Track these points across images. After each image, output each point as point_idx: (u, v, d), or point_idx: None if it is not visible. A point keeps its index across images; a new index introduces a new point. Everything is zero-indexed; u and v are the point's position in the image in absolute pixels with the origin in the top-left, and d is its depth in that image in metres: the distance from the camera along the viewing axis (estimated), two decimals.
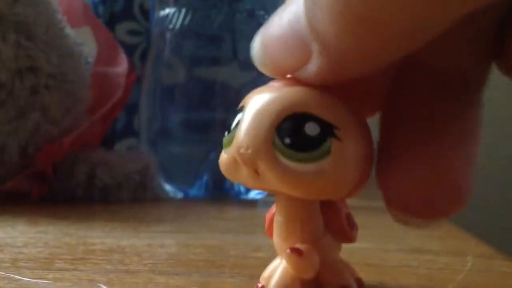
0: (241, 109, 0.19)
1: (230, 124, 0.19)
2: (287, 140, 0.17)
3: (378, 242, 0.31)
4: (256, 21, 0.46)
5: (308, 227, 0.19)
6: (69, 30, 0.45)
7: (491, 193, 0.88)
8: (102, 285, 0.20)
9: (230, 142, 0.18)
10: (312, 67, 0.17)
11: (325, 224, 0.20)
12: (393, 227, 0.37)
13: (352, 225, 0.21)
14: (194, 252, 0.27)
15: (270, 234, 0.21)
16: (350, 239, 0.21)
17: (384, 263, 0.27)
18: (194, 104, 0.45)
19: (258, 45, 0.18)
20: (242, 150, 0.18)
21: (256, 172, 0.18)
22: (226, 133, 0.19)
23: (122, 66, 0.47)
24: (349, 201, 0.48)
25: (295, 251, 0.18)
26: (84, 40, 0.47)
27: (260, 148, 0.17)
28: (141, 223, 0.34)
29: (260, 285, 0.20)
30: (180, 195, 0.45)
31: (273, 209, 0.21)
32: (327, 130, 0.18)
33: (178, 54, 0.46)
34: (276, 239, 0.20)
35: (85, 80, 0.44)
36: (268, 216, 0.21)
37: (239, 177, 0.18)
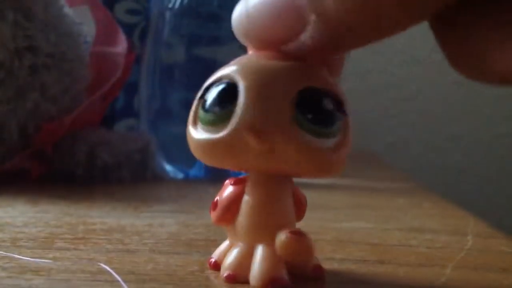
0: (220, 83, 0.18)
1: (204, 99, 0.18)
2: (309, 115, 0.17)
3: (378, 222, 0.32)
4: None
5: (286, 208, 0.19)
6: (67, 9, 0.44)
7: (492, 170, 0.88)
8: (102, 264, 0.20)
9: (225, 120, 0.17)
10: (307, 39, 0.16)
11: None
12: (393, 207, 0.37)
13: (306, 202, 0.21)
14: (194, 232, 0.27)
15: (224, 221, 0.20)
16: (303, 216, 0.20)
17: (384, 242, 0.27)
18: (194, 83, 0.45)
19: (241, 15, 0.17)
20: (258, 127, 0.17)
21: (271, 150, 0.17)
22: (201, 109, 0.18)
23: (121, 45, 0.47)
24: (350, 182, 0.48)
25: (300, 234, 0.18)
26: (83, 20, 0.46)
27: (280, 124, 0.17)
28: (141, 203, 0.34)
29: (226, 274, 0.19)
30: (180, 175, 0.45)
31: (226, 193, 0.19)
32: (339, 105, 0.18)
33: (177, 33, 0.46)
34: (249, 223, 0.19)
35: (84, 59, 0.44)
36: (224, 201, 0.20)
37: (243, 158, 0.17)
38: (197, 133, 0.18)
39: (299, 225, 0.20)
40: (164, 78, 0.46)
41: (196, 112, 0.18)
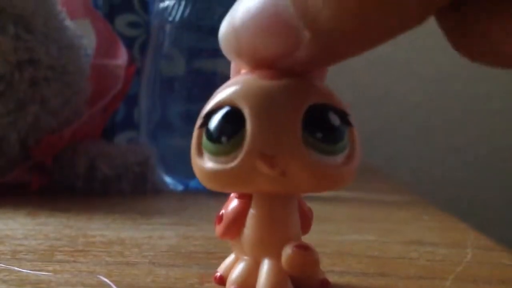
0: (221, 109, 0.17)
1: (208, 129, 0.17)
2: (319, 134, 0.17)
3: (378, 234, 0.31)
4: None
5: (293, 222, 0.19)
6: (68, 22, 0.44)
7: (491, 184, 0.88)
8: (101, 277, 0.20)
9: (234, 148, 0.17)
10: (301, 54, 0.16)
11: None
12: (393, 220, 0.37)
13: (312, 216, 0.20)
14: (194, 244, 0.27)
15: (229, 235, 0.19)
16: (309, 230, 0.20)
17: (384, 255, 0.27)
18: (194, 96, 0.45)
19: (228, 33, 0.16)
20: (268, 152, 0.16)
21: (283, 174, 0.17)
22: (206, 140, 0.18)
23: (121, 58, 0.47)
24: (350, 195, 0.48)
25: (305, 248, 0.17)
26: (84, 32, 0.47)
27: (291, 147, 0.17)
28: (141, 215, 0.34)
29: (218, 274, 0.19)
30: (180, 187, 0.45)
31: (232, 206, 0.19)
32: (343, 118, 0.18)
33: (178, 46, 0.46)
34: (255, 237, 0.19)
35: (84, 72, 0.44)
36: (230, 215, 0.19)
37: (254, 184, 0.17)
38: (204, 163, 0.18)
39: (304, 238, 0.20)
40: (164, 91, 0.47)
41: (199, 142, 0.18)
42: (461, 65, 0.88)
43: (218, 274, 0.20)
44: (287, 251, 0.17)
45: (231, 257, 0.20)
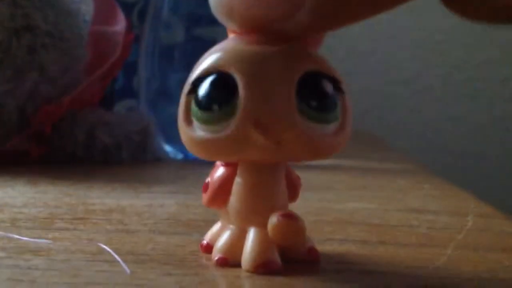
0: (210, 75, 0.17)
1: (197, 96, 0.17)
2: (314, 103, 0.17)
3: (378, 203, 0.31)
4: None
5: (279, 191, 0.19)
6: None
7: (492, 151, 0.88)
8: (101, 244, 0.20)
9: (226, 116, 0.16)
10: (301, 17, 0.15)
11: None
12: (394, 188, 0.37)
13: (300, 183, 0.20)
14: (194, 212, 0.27)
15: (216, 203, 0.19)
16: (297, 197, 0.20)
17: (385, 223, 0.27)
18: (193, 64, 0.45)
19: None
20: (263, 120, 0.16)
21: (277, 142, 0.16)
22: (196, 107, 0.17)
23: (119, 25, 0.47)
24: (350, 163, 0.48)
25: (290, 216, 0.17)
26: None
27: (286, 116, 0.16)
28: (141, 184, 0.34)
29: (218, 257, 0.19)
30: (179, 156, 0.45)
31: (217, 174, 0.19)
32: (336, 85, 0.17)
33: (177, 13, 0.45)
34: (241, 206, 0.18)
35: (82, 38, 0.44)
36: (215, 183, 0.19)
37: (246, 154, 0.17)
38: (194, 132, 0.17)
39: (293, 206, 0.20)
40: (164, 59, 0.46)
41: (187, 109, 0.17)
42: (462, 32, 0.87)
43: (204, 242, 0.20)
44: (272, 220, 0.17)
45: (218, 225, 0.20)
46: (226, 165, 0.19)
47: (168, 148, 0.46)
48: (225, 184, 0.19)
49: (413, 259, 0.21)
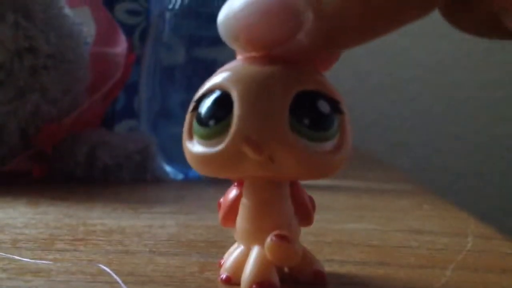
0: (212, 93, 0.17)
1: (198, 113, 0.17)
2: (306, 121, 0.17)
3: (378, 223, 0.31)
4: None
5: (282, 211, 0.19)
6: (68, 10, 0.44)
7: (493, 171, 0.88)
8: (102, 266, 0.20)
9: (221, 132, 0.17)
10: (303, 39, 0.15)
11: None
12: (394, 209, 0.37)
13: (314, 207, 0.20)
14: (194, 233, 0.27)
15: (228, 222, 0.19)
16: (311, 221, 0.20)
17: (385, 244, 0.27)
18: (194, 84, 0.45)
19: (228, 15, 0.16)
20: (254, 137, 0.16)
21: (270, 159, 0.17)
22: (196, 123, 0.17)
23: (121, 46, 0.47)
24: (350, 183, 0.48)
25: (282, 238, 0.17)
26: (83, 20, 0.46)
27: (277, 132, 0.16)
28: (141, 204, 0.34)
29: (224, 276, 0.19)
30: (180, 176, 0.45)
31: (230, 194, 0.19)
32: (334, 105, 0.17)
33: (178, 34, 0.46)
34: (245, 225, 0.19)
35: (84, 60, 0.44)
36: (226, 202, 0.20)
37: (242, 169, 0.17)
38: (193, 147, 0.18)
39: (310, 228, 0.20)
40: (164, 79, 0.46)
41: (190, 126, 0.18)
42: (462, 53, 0.88)
43: (222, 261, 0.20)
44: (267, 239, 0.17)
45: (235, 245, 0.20)
46: (239, 185, 0.19)
47: (168, 168, 0.46)
48: (235, 204, 0.19)
49: (413, 280, 0.21)
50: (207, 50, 0.45)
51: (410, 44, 0.88)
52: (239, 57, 0.18)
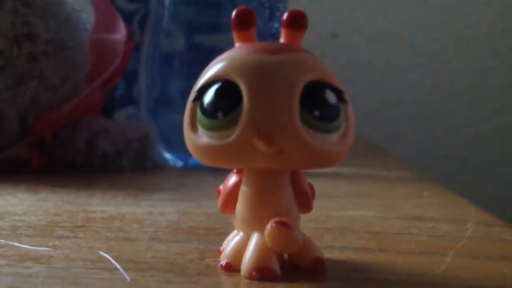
0: (216, 83, 0.17)
1: (202, 103, 0.17)
2: (316, 113, 0.17)
3: (378, 210, 0.31)
4: None
5: (282, 198, 0.19)
6: None
7: (493, 160, 0.88)
8: (101, 252, 0.20)
9: (230, 124, 0.17)
10: None
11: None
12: (394, 196, 0.37)
13: (313, 194, 0.20)
14: (194, 220, 0.27)
15: (228, 209, 0.19)
16: (311, 208, 0.20)
17: (385, 231, 0.27)
18: (193, 72, 0.45)
19: None
20: (265, 130, 0.16)
21: (280, 151, 0.17)
22: (201, 114, 0.17)
23: (120, 33, 0.47)
24: (351, 171, 0.48)
25: (282, 224, 0.17)
26: (82, 7, 0.46)
27: (288, 125, 0.16)
28: (141, 191, 0.34)
29: (224, 262, 0.19)
30: (180, 163, 0.45)
31: (230, 181, 0.19)
32: (339, 95, 0.17)
33: (177, 21, 0.46)
34: (245, 213, 0.19)
35: (83, 47, 0.44)
36: (225, 189, 0.19)
37: (251, 161, 0.17)
38: (199, 138, 0.18)
39: (308, 215, 0.20)
40: (164, 66, 0.46)
41: (193, 116, 0.18)
42: (462, 41, 0.88)
43: (221, 247, 0.20)
44: (267, 226, 0.17)
45: (235, 232, 0.20)
46: (238, 172, 0.19)
47: (168, 155, 0.46)
48: (234, 191, 0.19)
49: (413, 267, 0.21)
50: (206, 37, 0.45)
51: (409, 32, 0.87)
52: (238, 43, 0.18)
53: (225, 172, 0.20)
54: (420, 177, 0.46)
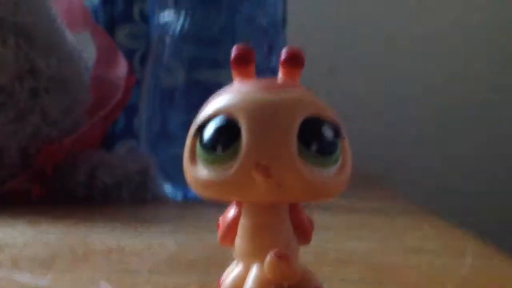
0: (216, 118, 0.17)
1: (202, 138, 0.17)
2: (314, 147, 0.17)
3: (378, 242, 0.31)
4: (256, 24, 0.46)
5: (281, 230, 0.19)
6: (68, 34, 0.45)
7: (491, 192, 0.88)
8: (102, 282, 0.20)
9: (229, 158, 0.17)
10: None
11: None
12: (392, 228, 0.37)
13: (312, 226, 0.20)
14: (193, 252, 0.27)
15: (227, 241, 0.19)
16: (310, 239, 0.20)
17: (384, 263, 0.27)
18: (193, 106, 0.45)
19: None
20: (264, 163, 0.17)
21: (278, 185, 0.17)
22: (201, 148, 0.17)
23: (121, 69, 0.47)
24: (349, 203, 0.48)
25: (281, 256, 0.17)
26: (84, 44, 0.47)
27: (286, 159, 0.17)
28: (141, 224, 0.34)
29: (221, 280, 0.19)
30: (179, 196, 0.45)
31: (229, 213, 0.19)
32: (336, 130, 0.18)
33: (177, 57, 0.46)
34: (244, 245, 0.19)
35: (84, 83, 0.44)
36: (225, 221, 0.19)
37: (250, 194, 0.17)
38: (198, 172, 0.18)
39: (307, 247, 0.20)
40: (164, 101, 0.47)
41: (193, 150, 0.18)
42: (458, 74, 0.89)
43: (221, 279, 0.21)
44: (267, 257, 0.17)
45: (234, 263, 0.20)
46: (238, 204, 0.20)
47: (168, 188, 0.46)
48: (234, 223, 0.19)
49: None
50: (205, 72, 0.46)
51: (407, 64, 0.88)
52: (238, 79, 0.19)
53: (224, 205, 0.20)
54: (419, 209, 0.46)
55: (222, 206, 0.21)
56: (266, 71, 0.46)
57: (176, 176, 0.45)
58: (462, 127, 0.89)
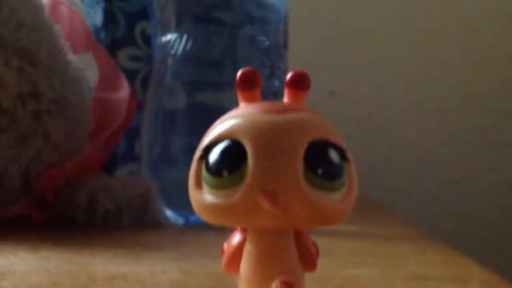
0: (222, 142, 0.17)
1: (207, 162, 0.17)
2: (320, 171, 0.17)
3: (381, 269, 0.31)
4: (257, 46, 0.47)
5: (287, 257, 0.19)
6: (71, 56, 0.45)
7: (493, 217, 0.88)
8: None
9: (235, 183, 0.17)
10: None
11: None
12: (396, 254, 0.37)
13: (317, 252, 0.20)
14: (196, 279, 0.27)
15: (232, 268, 0.19)
16: (315, 266, 0.20)
17: None
18: (195, 129, 0.45)
19: None
20: (269, 189, 0.16)
21: (285, 210, 0.17)
22: (206, 172, 0.17)
23: (123, 91, 0.48)
24: (352, 228, 0.47)
25: (287, 284, 0.17)
26: (86, 66, 0.47)
27: (293, 184, 0.17)
28: (142, 249, 0.34)
29: None
30: (181, 221, 0.45)
31: (234, 240, 0.19)
32: (342, 154, 0.18)
33: (179, 80, 0.46)
34: (249, 272, 0.19)
35: (87, 105, 0.45)
36: (230, 248, 0.19)
37: (255, 220, 0.17)
38: (204, 197, 0.18)
39: (312, 274, 0.20)
40: (166, 124, 0.47)
41: (198, 174, 0.18)
42: (459, 98, 0.89)
43: None
44: (272, 286, 0.17)
45: None
46: (243, 230, 0.19)
47: (169, 213, 0.46)
48: (239, 250, 0.19)
49: None
50: (208, 95, 0.46)
51: (408, 88, 0.88)
52: (243, 103, 0.19)
53: (227, 230, 0.20)
54: (422, 235, 0.46)
55: (224, 232, 0.21)
56: (268, 94, 0.46)
57: (178, 200, 0.45)
58: (464, 151, 0.89)
